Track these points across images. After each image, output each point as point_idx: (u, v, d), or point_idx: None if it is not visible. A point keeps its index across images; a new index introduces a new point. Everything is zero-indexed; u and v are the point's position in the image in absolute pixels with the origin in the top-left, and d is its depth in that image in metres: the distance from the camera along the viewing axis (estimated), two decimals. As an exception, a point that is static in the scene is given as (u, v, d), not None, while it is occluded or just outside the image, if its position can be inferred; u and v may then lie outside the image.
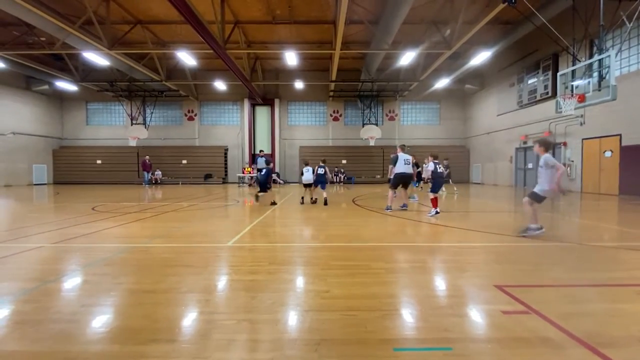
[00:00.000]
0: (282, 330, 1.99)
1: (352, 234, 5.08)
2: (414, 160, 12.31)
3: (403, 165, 7.65)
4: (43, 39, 14.99)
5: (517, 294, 2.51)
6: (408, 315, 2.21)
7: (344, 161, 23.47)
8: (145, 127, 22.02)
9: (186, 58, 15.51)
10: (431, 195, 6.95)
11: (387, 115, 24.26)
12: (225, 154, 23.77)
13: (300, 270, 3.25)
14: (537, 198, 4.70)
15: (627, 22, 9.90)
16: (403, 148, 7.95)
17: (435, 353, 1.73)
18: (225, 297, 2.61)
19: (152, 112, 22.81)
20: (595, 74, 9.45)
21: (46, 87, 20.92)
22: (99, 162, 23.20)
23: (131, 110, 22.12)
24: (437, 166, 7.08)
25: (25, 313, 2.25)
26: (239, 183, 20.88)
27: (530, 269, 3.24)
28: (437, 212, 6.79)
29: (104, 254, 3.84)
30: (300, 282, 2.92)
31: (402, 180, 7.82)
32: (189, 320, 2.18)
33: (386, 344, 1.82)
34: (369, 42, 16.57)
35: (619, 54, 11.41)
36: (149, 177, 20.52)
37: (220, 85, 20.51)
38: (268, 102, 23.58)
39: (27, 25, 13.87)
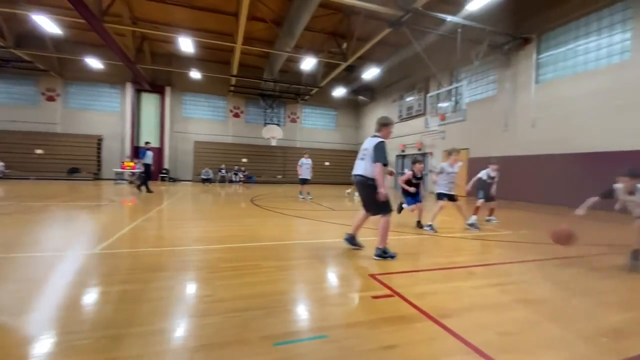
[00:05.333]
0: (152, 343, 1.79)
1: (247, 234, 4.97)
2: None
3: None
4: None
5: (386, 281, 2.88)
6: (291, 311, 2.28)
7: (244, 159, 22.86)
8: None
9: (46, 24, 12.52)
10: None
11: (289, 117, 24.70)
12: (99, 144, 20.19)
13: (183, 275, 2.99)
14: None
15: (474, 60, 12.55)
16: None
17: (312, 342, 1.83)
18: (83, 312, 2.20)
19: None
20: (453, 99, 11.70)
21: None
22: None
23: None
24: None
25: None
26: (116, 180, 17.99)
27: (397, 257, 3.76)
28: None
29: None
30: (181, 288, 2.69)
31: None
32: (31, 345, 1.75)
33: (267, 340, 1.83)
34: (273, 42, 16.60)
35: (470, 84, 14.40)
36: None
37: (94, 63, 17.29)
38: (158, 89, 21.12)
39: None
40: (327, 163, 24.20)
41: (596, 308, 2.49)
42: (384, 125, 3.86)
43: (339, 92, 21.52)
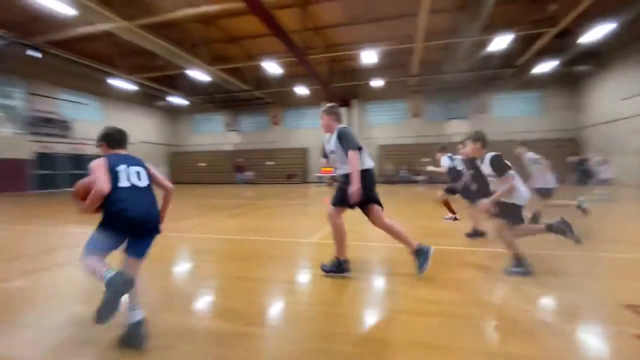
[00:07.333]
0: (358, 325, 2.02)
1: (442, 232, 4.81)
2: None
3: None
4: (160, 62, 17.96)
5: (656, 318, 2.05)
6: (517, 332, 2.00)
7: (424, 159, 22.24)
8: (238, 133, 24.67)
9: (272, 68, 16.69)
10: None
11: (476, 109, 22.12)
12: (305, 155, 24.96)
13: (378, 269, 3.22)
14: None
15: None
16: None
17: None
18: (311, 288, 2.76)
19: (244, 120, 25.41)
20: None
21: (163, 102, 25.05)
22: (203, 164, 26.66)
23: (227, 118, 25.01)
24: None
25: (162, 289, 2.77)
26: (317, 182, 21.67)
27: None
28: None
29: (208, 245, 4.44)
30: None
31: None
32: (278, 307, 2.38)
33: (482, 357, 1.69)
34: (453, 31, 15.35)
35: None
36: (242, 178, 23.13)
37: (302, 90, 21.53)
38: (346, 103, 23.91)
39: (148, 53, 16.79)
40: (529, 157, 19.94)
41: None
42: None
43: (546, 66, 17.30)
